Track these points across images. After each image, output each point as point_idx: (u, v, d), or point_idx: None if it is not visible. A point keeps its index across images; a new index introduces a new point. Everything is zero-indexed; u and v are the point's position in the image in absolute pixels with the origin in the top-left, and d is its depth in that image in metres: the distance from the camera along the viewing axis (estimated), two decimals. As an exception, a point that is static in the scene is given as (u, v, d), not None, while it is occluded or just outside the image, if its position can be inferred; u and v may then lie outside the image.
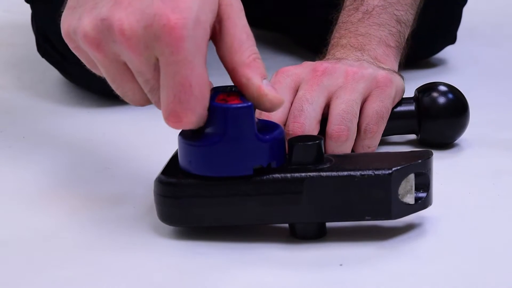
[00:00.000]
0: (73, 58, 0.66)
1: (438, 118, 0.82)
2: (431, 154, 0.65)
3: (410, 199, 0.64)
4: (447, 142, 0.84)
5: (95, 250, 0.65)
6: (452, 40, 1.09)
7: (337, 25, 0.89)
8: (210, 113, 0.62)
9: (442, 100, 0.82)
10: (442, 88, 0.83)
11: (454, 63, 1.11)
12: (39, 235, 0.68)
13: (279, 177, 0.63)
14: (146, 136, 0.88)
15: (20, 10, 1.08)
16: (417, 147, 0.84)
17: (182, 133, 0.64)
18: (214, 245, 0.65)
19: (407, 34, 0.90)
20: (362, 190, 0.63)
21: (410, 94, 0.84)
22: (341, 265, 0.62)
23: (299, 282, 0.61)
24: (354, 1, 0.89)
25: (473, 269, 0.62)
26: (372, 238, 0.66)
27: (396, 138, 0.85)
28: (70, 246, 0.66)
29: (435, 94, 0.82)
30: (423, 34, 1.00)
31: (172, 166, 0.66)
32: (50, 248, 0.66)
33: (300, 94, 0.78)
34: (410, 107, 0.83)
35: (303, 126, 0.76)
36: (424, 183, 0.65)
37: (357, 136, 0.79)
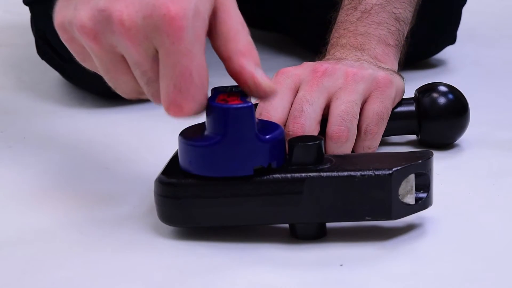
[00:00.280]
0: (72, 59, 0.66)
1: (438, 119, 0.82)
2: (432, 154, 0.65)
3: (410, 200, 0.64)
4: (447, 143, 0.84)
5: (95, 250, 0.65)
6: (452, 40, 1.09)
7: (336, 24, 0.89)
8: (210, 113, 0.62)
9: (442, 100, 0.82)
10: (442, 88, 0.83)
11: (454, 64, 1.11)
12: (39, 235, 0.67)
13: (280, 177, 0.63)
14: (146, 136, 0.88)
15: (20, 11, 1.08)
16: (417, 148, 0.83)
17: (183, 133, 0.64)
18: (214, 245, 0.65)
19: (406, 32, 0.90)
20: (363, 190, 0.63)
21: (410, 94, 0.84)
22: (341, 265, 0.62)
23: (299, 282, 0.61)
24: (353, 0, 0.89)
25: (473, 269, 0.62)
26: (372, 238, 0.65)
27: (396, 138, 0.85)
28: (70, 246, 0.66)
29: (435, 95, 0.82)
30: (423, 34, 1.00)
31: (172, 167, 0.66)
32: (50, 248, 0.66)
33: (300, 95, 0.78)
34: (410, 108, 0.83)
35: (303, 126, 0.76)
36: (424, 184, 0.65)
37: (357, 137, 0.79)
